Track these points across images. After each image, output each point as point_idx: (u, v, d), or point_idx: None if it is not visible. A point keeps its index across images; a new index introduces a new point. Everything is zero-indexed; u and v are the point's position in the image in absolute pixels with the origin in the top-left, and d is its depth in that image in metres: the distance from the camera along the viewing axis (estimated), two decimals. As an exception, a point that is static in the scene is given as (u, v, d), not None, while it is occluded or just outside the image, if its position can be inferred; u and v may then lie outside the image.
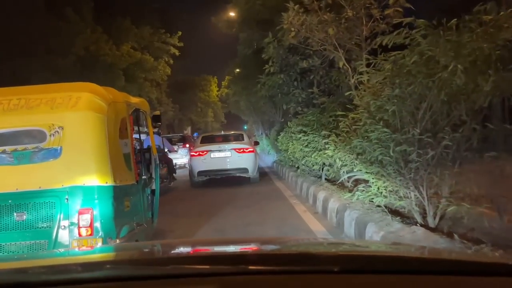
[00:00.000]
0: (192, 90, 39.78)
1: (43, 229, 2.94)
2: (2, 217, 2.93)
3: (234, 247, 1.71)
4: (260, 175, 11.27)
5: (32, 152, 2.98)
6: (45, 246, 2.92)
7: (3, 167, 2.98)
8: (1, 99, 3.05)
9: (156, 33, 28.49)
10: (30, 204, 2.94)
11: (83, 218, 2.93)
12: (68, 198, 2.94)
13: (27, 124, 3.03)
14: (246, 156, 10.04)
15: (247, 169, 9.95)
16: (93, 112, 3.03)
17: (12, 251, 2.91)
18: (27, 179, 2.97)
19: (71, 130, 2.99)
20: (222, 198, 8.37)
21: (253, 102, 20.03)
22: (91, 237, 2.93)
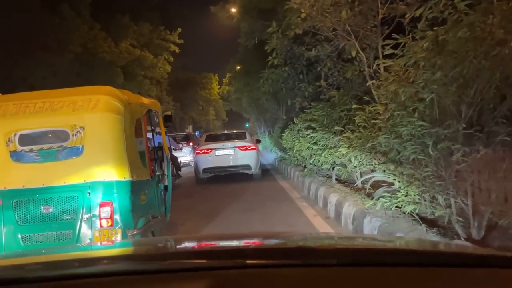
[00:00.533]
0: (193, 88, 39.09)
1: (68, 221, 3.17)
2: (31, 210, 3.16)
3: (233, 242, 1.69)
4: (264, 174, 11.30)
5: (57, 151, 3.21)
6: (70, 237, 3.14)
7: (30, 165, 3.21)
8: (27, 102, 3.24)
9: (155, 30, 27.79)
10: (55, 198, 3.17)
11: (103, 211, 3.14)
12: (90, 192, 3.16)
13: (51, 125, 3.27)
14: (248, 153, 10.26)
15: (249, 166, 10.19)
16: (111, 113, 3.21)
17: (39, 241, 3.14)
18: (52, 175, 3.18)
19: (91, 130, 3.19)
20: (225, 199, 7.69)
21: (255, 99, 19.32)
22: (112, 228, 3.14)
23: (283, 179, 10.62)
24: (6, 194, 3.16)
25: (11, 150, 3.23)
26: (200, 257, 1.10)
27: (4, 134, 3.22)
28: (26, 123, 3.24)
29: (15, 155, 3.23)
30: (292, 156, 9.72)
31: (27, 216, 3.18)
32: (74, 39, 19.68)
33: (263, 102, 17.74)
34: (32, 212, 3.18)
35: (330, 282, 0.93)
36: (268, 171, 13.86)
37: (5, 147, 3.22)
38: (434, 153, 2.77)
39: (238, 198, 7.92)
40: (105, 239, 3.12)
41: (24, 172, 3.23)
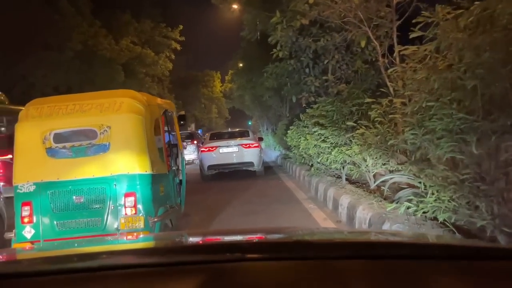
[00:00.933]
0: (195, 86, 38.58)
1: (97, 209, 3.50)
2: (64, 200, 3.51)
3: (234, 236, 1.63)
4: (268, 172, 11.36)
5: (86, 147, 3.54)
6: (99, 223, 3.48)
7: (64, 160, 3.54)
8: (60, 104, 3.63)
9: (157, 27, 27.28)
10: (85, 189, 3.51)
11: (128, 200, 3.48)
12: (116, 184, 3.50)
13: (82, 125, 3.59)
14: (251, 151, 10.46)
15: (252, 163, 10.37)
16: (134, 114, 3.56)
17: (72, 227, 3.49)
18: (83, 169, 3.51)
19: (116, 129, 3.52)
20: (228, 202, 7.20)
21: (258, 96, 18.81)
22: (135, 215, 3.48)
23: (288, 178, 10.12)
24: (43, 186, 3.52)
25: (46, 147, 3.57)
26: (197, 252, 1.10)
27: (40, 133, 3.57)
28: (59, 123, 3.60)
29: (50, 151, 3.57)
30: (298, 155, 9.22)
31: (61, 205, 3.54)
32: (73, 36, 19.22)
33: (266, 99, 17.21)
34: (65, 201, 3.54)
35: (327, 275, 0.93)
36: (272, 169, 13.40)
37: (42, 144, 3.56)
38: (479, 151, 2.27)
39: (242, 200, 7.43)
40: (129, 225, 3.49)
41: (58, 166, 3.56)
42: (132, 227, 3.50)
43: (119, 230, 3.51)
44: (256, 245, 1.20)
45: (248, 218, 5.84)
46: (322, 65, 7.96)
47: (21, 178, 3.57)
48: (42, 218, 3.52)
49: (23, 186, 3.54)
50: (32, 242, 3.48)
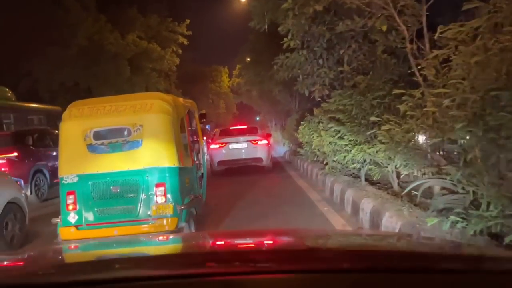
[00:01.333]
0: (203, 81, 38.05)
1: (131, 198, 3.89)
2: (103, 189, 3.91)
3: (244, 241, 1.60)
4: (277, 170, 11.24)
5: (122, 144, 3.95)
6: (133, 210, 3.88)
7: (102, 155, 3.95)
8: (98, 106, 4.06)
9: (163, 22, 26.70)
10: (121, 180, 3.91)
11: (158, 190, 3.85)
12: (148, 176, 3.88)
13: (118, 124, 4.00)
14: (260, 147, 10.57)
15: (261, 159, 10.51)
16: (163, 114, 3.96)
17: (110, 213, 3.89)
18: (119, 163, 3.90)
19: (148, 127, 3.91)
20: (235, 203, 6.64)
21: (266, 90, 18.18)
22: (165, 203, 3.85)
23: (299, 177, 9.53)
24: (85, 177, 3.90)
25: (87, 144, 3.94)
26: (209, 261, 1.06)
27: (82, 131, 3.93)
28: (98, 122, 3.98)
29: (91, 147, 3.94)
30: (310, 152, 8.60)
31: (100, 194, 3.91)
32: (78, 32, 18.74)
33: (275, 93, 16.59)
34: (104, 191, 3.90)
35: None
36: (281, 165, 12.85)
37: (83, 141, 3.93)
38: None
39: (251, 201, 6.86)
40: (160, 212, 3.82)
41: (98, 160, 3.93)
42: (162, 213, 3.84)
43: (150, 216, 3.85)
44: (267, 256, 1.12)
45: (258, 222, 5.27)
46: (337, 56, 7.30)
47: (66, 170, 3.98)
48: (84, 206, 3.91)
49: (68, 178, 3.94)
50: (76, 227, 3.87)
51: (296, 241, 1.47)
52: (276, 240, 1.55)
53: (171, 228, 3.80)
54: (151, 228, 3.80)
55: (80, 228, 3.87)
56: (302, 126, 8.68)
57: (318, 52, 7.18)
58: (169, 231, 3.77)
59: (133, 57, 21.66)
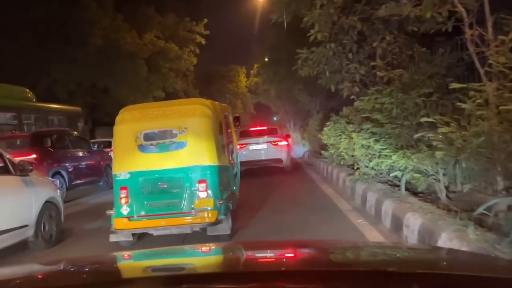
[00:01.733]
0: (220, 81, 37.61)
1: (176, 193, 4.26)
2: (152, 185, 4.29)
3: (266, 254, 1.56)
4: (298, 173, 10.90)
5: (169, 144, 4.34)
6: (178, 204, 4.25)
7: (151, 154, 4.34)
8: (147, 110, 4.57)
9: (181, 21, 26.34)
10: (168, 177, 4.28)
11: (201, 186, 4.21)
12: (191, 173, 4.25)
13: (165, 126, 4.44)
14: (280, 148, 10.53)
15: (281, 160, 10.46)
16: (204, 117, 4.39)
17: (158, 206, 4.25)
18: (166, 161, 4.28)
19: (192, 130, 4.30)
20: (255, 213, 5.97)
21: (285, 90, 17.47)
22: (206, 198, 4.20)
23: (323, 181, 8.78)
24: (136, 174, 4.23)
25: (138, 144, 4.27)
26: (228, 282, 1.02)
27: (133, 133, 4.29)
28: (148, 125, 4.33)
29: (141, 147, 4.27)
30: (335, 155, 7.86)
31: (149, 189, 4.23)
32: (95, 31, 18.43)
33: (295, 92, 15.86)
34: (153, 186, 4.23)
35: None
36: (302, 168, 12.15)
37: (134, 142, 4.27)
38: None
39: (272, 209, 6.18)
40: (202, 206, 4.15)
41: (147, 159, 4.26)
42: (204, 207, 4.14)
43: (194, 209, 4.16)
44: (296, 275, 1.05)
45: (281, 237, 4.58)
46: (368, 49, 6.54)
47: (119, 168, 4.32)
48: (135, 199, 4.22)
49: (121, 174, 4.27)
50: (128, 218, 4.18)
51: (325, 257, 1.39)
52: (301, 252, 1.50)
53: (211, 220, 4.14)
54: (194, 219, 4.18)
55: (132, 219, 4.22)
56: (327, 127, 7.95)
57: (347, 46, 6.44)
58: (210, 222, 4.15)
59: (150, 57, 21.29)
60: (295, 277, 1.04)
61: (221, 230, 4.25)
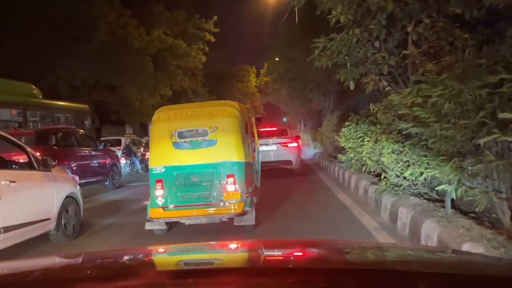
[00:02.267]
0: (230, 81, 36.70)
1: (207, 186, 4.58)
2: (184, 178, 4.61)
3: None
4: (311, 179, 9.90)
5: (201, 142, 4.65)
6: (209, 196, 4.57)
7: (184, 151, 4.66)
8: (181, 111, 4.88)
9: (190, 18, 25.44)
10: (199, 171, 4.60)
11: (229, 180, 4.53)
12: (220, 168, 4.58)
13: (197, 126, 4.74)
14: (290, 149, 10.21)
15: (291, 161, 10.16)
16: (233, 118, 4.74)
17: (190, 198, 4.58)
18: (198, 157, 4.61)
19: (221, 129, 4.65)
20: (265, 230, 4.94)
21: (296, 88, 16.42)
22: (234, 191, 4.52)
23: (340, 189, 7.70)
24: (170, 169, 4.64)
25: (173, 141, 4.69)
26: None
27: (169, 131, 4.70)
28: (182, 124, 4.75)
29: (175, 144, 4.69)
30: (355, 159, 6.79)
31: (182, 182, 4.62)
32: (100, 25, 17.59)
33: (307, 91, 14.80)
34: (185, 180, 4.62)
35: None
36: (313, 171, 11.13)
37: (169, 139, 4.69)
38: None
39: (282, 227, 5.13)
40: (230, 198, 4.52)
41: (181, 155, 4.67)
42: (232, 199, 4.52)
43: (222, 201, 4.51)
44: None
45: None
46: (398, 36, 5.46)
47: (155, 163, 4.68)
48: (169, 191, 4.58)
49: (157, 169, 4.64)
50: (163, 208, 4.55)
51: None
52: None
53: (239, 211, 4.44)
54: (223, 210, 4.47)
55: (166, 209, 4.53)
56: (346, 128, 6.87)
57: (374, 32, 5.36)
58: (237, 213, 4.45)
59: (158, 54, 20.41)
60: (304, 274, 1.03)
61: (247, 221, 4.57)
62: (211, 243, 2.69)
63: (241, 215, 4.48)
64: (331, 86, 14.25)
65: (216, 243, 2.69)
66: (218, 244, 2.21)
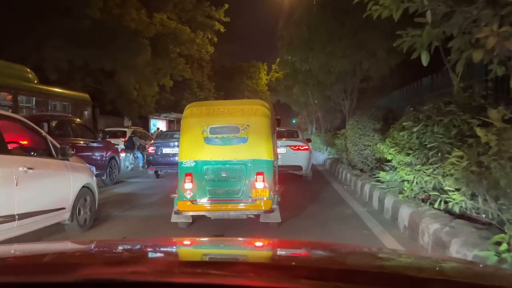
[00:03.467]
0: (239, 77, 34.13)
1: (236, 182, 4.54)
2: (214, 174, 4.55)
3: None
4: (330, 200, 7.05)
5: (232, 139, 4.60)
6: (237, 192, 4.52)
7: (215, 146, 4.59)
8: (214, 107, 4.84)
9: (199, 4, 22.84)
10: (230, 167, 4.55)
11: (258, 178, 4.46)
12: (250, 166, 4.53)
13: (229, 123, 4.65)
14: (300, 153, 9.22)
15: (301, 167, 9.11)
16: (265, 117, 4.68)
17: (219, 193, 4.53)
18: (228, 154, 4.56)
19: (253, 127, 4.59)
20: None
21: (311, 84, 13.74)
22: (263, 188, 4.44)
23: (380, 224, 4.99)
24: (200, 163, 4.57)
25: (204, 137, 4.62)
26: None
27: (201, 127, 4.65)
28: (214, 120, 4.68)
29: (207, 140, 4.62)
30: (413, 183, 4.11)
31: (212, 177, 4.55)
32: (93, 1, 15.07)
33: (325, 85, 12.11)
34: (215, 175, 4.55)
35: None
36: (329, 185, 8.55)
37: (201, 134, 4.62)
38: None
39: None
40: (259, 195, 4.43)
41: (212, 150, 4.59)
42: (260, 196, 4.43)
43: (251, 197, 4.45)
44: None
45: None
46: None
47: (186, 156, 4.63)
48: (198, 185, 4.51)
49: (187, 162, 4.59)
50: (192, 201, 4.46)
51: None
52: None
53: (266, 208, 4.40)
54: (251, 207, 4.45)
55: (195, 203, 4.49)
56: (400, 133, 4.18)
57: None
58: (265, 210, 4.40)
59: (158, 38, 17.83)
60: (315, 272, 1.01)
61: (273, 218, 4.50)
62: (232, 238, 2.86)
63: (268, 212, 4.45)
64: (355, 82, 11.56)
65: (237, 239, 2.79)
66: (238, 240, 2.29)
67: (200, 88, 23.90)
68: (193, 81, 22.19)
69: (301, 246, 1.63)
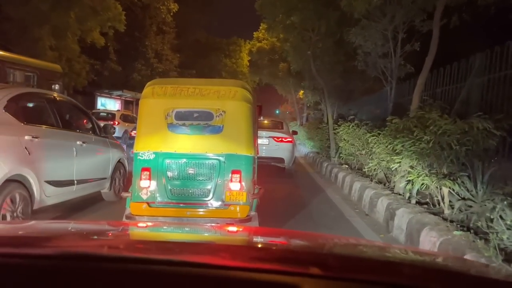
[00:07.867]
0: (216, 55, 27.40)
1: (206, 181, 3.71)
2: (178, 170, 3.74)
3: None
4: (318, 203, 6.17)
5: (203, 127, 3.73)
6: (207, 193, 3.69)
7: (181, 135, 3.74)
8: (182, 87, 3.84)
9: None
10: (198, 163, 3.74)
11: (234, 177, 3.64)
12: (225, 162, 3.70)
13: (200, 107, 3.78)
14: (284, 146, 8.70)
15: (283, 160, 8.73)
16: (246, 103, 3.77)
17: (183, 194, 3.69)
18: (198, 145, 3.73)
19: (230, 114, 3.72)
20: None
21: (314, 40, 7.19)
22: (239, 191, 3.62)
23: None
24: (161, 155, 3.74)
25: (168, 123, 3.75)
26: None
27: (164, 110, 3.76)
28: (181, 103, 3.79)
29: (171, 126, 3.74)
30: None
31: (175, 174, 3.74)
32: None
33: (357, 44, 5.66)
34: (180, 171, 3.73)
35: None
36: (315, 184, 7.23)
37: (164, 119, 3.75)
38: None
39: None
40: (233, 199, 3.63)
41: (177, 140, 3.75)
42: (236, 200, 3.66)
43: (224, 201, 3.71)
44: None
45: None
46: None
47: (143, 146, 3.79)
48: (158, 183, 3.75)
49: (144, 154, 3.75)
50: (148, 203, 3.68)
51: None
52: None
53: (242, 216, 3.66)
54: (223, 213, 3.69)
55: (152, 205, 3.69)
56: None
57: None
58: (240, 218, 3.65)
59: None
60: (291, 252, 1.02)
61: None
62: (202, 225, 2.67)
63: (245, 222, 3.62)
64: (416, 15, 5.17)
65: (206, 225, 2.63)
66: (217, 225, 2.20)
67: (158, 59, 16.89)
68: (148, 49, 15.12)
69: (279, 234, 1.58)
